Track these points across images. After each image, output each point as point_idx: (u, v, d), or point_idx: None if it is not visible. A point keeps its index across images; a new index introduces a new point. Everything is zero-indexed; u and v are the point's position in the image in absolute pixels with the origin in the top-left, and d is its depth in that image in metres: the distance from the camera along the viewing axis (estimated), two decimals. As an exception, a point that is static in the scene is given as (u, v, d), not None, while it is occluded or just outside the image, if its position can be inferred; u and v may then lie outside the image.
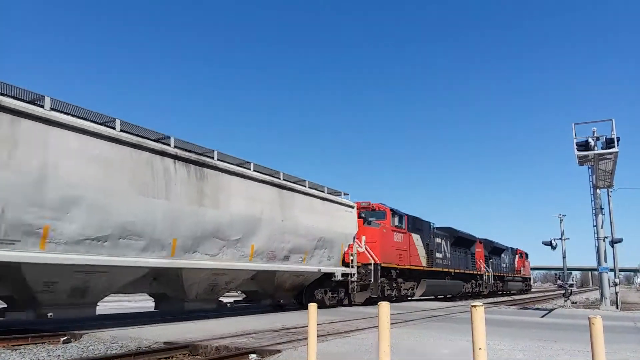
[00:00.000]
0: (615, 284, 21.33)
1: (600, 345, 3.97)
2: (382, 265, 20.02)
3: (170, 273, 11.47)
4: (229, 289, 13.76)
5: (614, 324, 12.97)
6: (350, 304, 18.67)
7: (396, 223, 22.10)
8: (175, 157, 11.27)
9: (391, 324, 5.30)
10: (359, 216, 19.91)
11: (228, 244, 12.55)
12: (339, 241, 17.36)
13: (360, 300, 19.11)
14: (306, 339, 6.01)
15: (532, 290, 62.57)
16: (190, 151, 11.88)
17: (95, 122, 9.80)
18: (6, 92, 8.56)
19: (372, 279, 19.31)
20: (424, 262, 24.47)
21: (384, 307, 5.10)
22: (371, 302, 19.73)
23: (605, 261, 20.61)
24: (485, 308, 4.23)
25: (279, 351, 7.11)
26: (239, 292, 16.34)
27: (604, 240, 20.83)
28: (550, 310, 20.51)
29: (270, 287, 15.18)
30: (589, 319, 4.10)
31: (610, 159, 19.45)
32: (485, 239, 36.39)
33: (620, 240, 21.60)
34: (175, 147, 11.42)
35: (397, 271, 21.65)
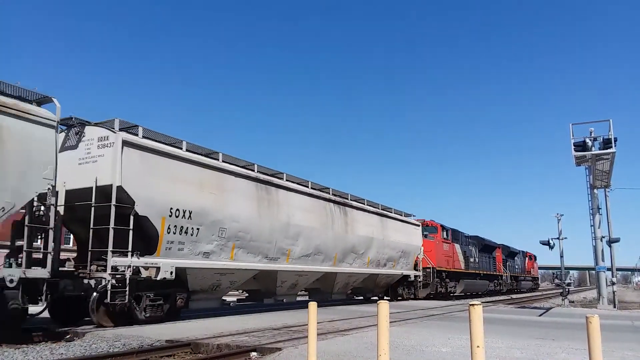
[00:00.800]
0: (613, 283, 21.25)
1: (598, 344, 3.97)
2: (437, 269, 26.50)
3: (329, 275, 17.88)
4: (352, 286, 20.25)
5: (611, 323, 13.12)
6: (415, 298, 25.08)
7: (444, 236, 28.62)
8: (334, 202, 17.73)
9: (391, 322, 5.26)
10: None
11: (357, 256, 19.00)
12: (412, 252, 23.84)
13: (423, 295, 25.56)
14: (306, 337, 5.99)
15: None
16: (339, 196, 18.32)
17: (297, 183, 16.21)
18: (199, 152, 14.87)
19: (431, 280, 25.80)
20: (462, 265, 30.97)
21: (383, 306, 5.05)
22: (429, 297, 26.23)
23: (603, 260, 21.00)
24: (484, 307, 4.11)
25: (279, 349, 7.18)
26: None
27: (602, 240, 20.95)
28: (548, 309, 20.69)
29: (372, 285, 21.65)
30: (587, 317, 4.06)
31: (607, 159, 19.32)
32: (503, 245, 42.85)
33: (617, 240, 21.54)
34: (333, 194, 17.86)
35: (446, 273, 28.13)
